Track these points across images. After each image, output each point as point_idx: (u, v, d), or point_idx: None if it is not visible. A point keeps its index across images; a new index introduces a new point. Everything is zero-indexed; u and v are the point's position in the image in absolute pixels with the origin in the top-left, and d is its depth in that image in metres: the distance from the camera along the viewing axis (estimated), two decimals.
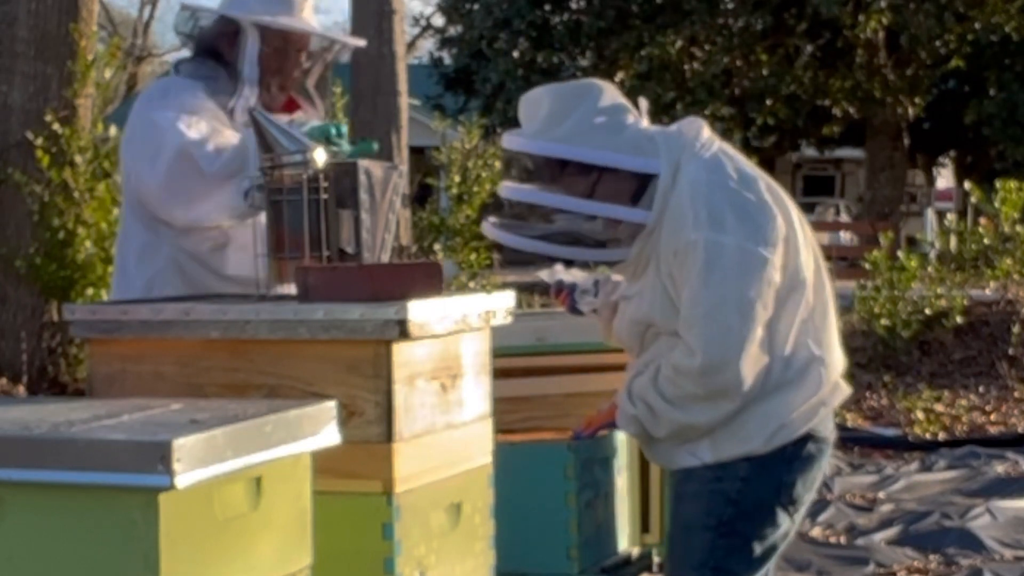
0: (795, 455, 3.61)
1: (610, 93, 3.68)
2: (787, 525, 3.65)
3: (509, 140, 3.65)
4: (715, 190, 3.55)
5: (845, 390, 3.71)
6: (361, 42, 4.14)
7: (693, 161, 3.59)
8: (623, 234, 3.60)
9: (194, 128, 3.87)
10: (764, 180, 3.65)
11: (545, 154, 3.60)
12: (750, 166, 3.68)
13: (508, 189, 3.65)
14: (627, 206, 3.58)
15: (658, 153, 3.59)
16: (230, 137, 3.90)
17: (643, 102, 3.74)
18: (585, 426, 3.97)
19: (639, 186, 3.59)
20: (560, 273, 3.91)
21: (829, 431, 3.69)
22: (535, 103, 3.67)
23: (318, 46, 4.13)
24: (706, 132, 3.67)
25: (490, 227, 3.66)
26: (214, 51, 4.06)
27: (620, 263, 3.66)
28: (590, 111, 3.61)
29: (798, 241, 3.61)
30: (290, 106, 4.12)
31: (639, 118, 3.67)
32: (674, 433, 3.63)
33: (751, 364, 3.49)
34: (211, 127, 3.90)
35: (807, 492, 3.67)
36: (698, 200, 3.53)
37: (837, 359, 3.68)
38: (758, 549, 3.62)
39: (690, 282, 3.50)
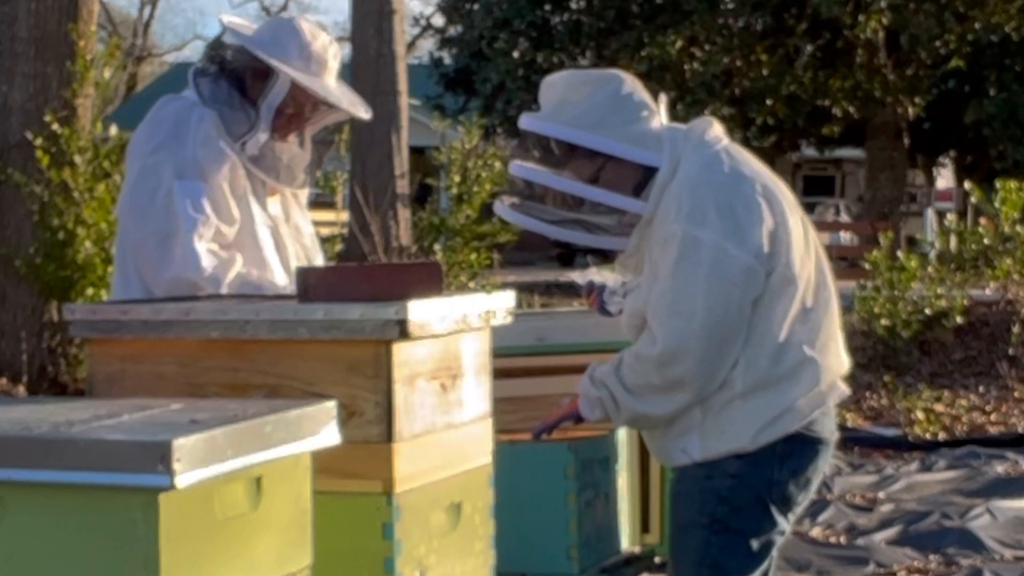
0: (787, 453, 3.61)
1: (629, 86, 3.70)
2: (782, 523, 3.66)
3: (522, 119, 3.71)
4: (702, 186, 3.57)
5: (842, 391, 3.70)
6: (367, 116, 4.14)
7: (693, 157, 3.61)
8: (625, 224, 3.63)
9: (209, 240, 3.90)
10: (762, 181, 3.65)
11: (547, 134, 3.65)
12: (751, 166, 3.67)
13: (515, 167, 3.71)
14: (626, 195, 3.60)
15: (661, 148, 3.62)
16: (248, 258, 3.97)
17: (663, 98, 3.76)
18: (543, 421, 3.84)
19: (643, 178, 3.62)
20: (591, 274, 3.97)
21: (828, 432, 3.69)
22: (552, 86, 3.72)
23: (333, 110, 4.13)
24: (714, 130, 3.68)
25: (498, 203, 3.75)
26: (238, 77, 4.04)
27: (621, 253, 3.70)
28: (604, 99, 3.64)
29: (790, 239, 3.61)
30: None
31: (655, 114, 3.69)
32: (631, 422, 3.71)
33: (710, 359, 3.51)
34: (228, 230, 3.95)
35: (800, 491, 3.66)
36: (684, 194, 3.56)
37: (834, 360, 3.68)
38: (754, 545, 3.63)
39: (664, 272, 3.53)
